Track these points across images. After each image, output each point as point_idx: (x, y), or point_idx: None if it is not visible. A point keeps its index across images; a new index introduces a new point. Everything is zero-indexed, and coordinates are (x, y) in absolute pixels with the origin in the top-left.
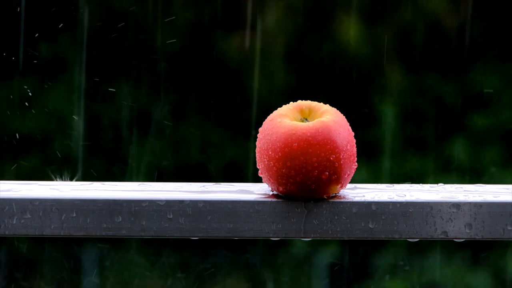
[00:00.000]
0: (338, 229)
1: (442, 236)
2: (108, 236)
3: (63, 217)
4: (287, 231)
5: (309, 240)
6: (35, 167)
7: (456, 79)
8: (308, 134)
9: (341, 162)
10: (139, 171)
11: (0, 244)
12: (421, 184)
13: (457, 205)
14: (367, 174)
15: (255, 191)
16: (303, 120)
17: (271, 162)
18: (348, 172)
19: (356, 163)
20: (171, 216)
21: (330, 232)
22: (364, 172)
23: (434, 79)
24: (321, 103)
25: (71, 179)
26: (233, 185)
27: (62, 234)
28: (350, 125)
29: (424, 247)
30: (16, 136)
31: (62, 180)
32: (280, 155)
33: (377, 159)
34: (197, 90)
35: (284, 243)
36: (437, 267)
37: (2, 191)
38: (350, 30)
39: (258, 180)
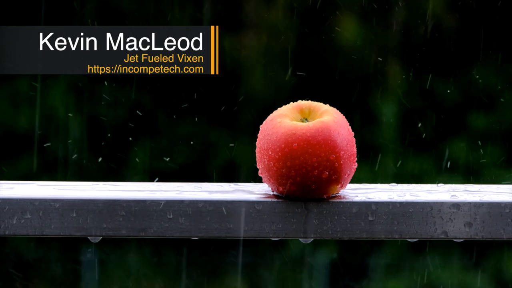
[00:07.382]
0: (338, 229)
1: (442, 236)
2: (108, 236)
3: (63, 217)
4: (287, 231)
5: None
6: (35, 167)
7: (456, 79)
8: (308, 134)
9: (341, 162)
10: (139, 171)
11: (0, 244)
12: (420, 184)
13: (457, 205)
14: (367, 174)
15: (255, 191)
16: (303, 120)
17: (271, 162)
18: (348, 172)
19: (356, 163)
20: (171, 216)
21: (330, 232)
22: (364, 172)
23: (434, 79)
24: (321, 103)
25: (70, 179)
26: (233, 185)
27: (62, 234)
28: (350, 125)
29: (424, 247)
30: (15, 136)
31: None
32: (280, 155)
33: (376, 159)
34: (197, 90)
35: (283, 243)
36: (437, 267)
37: (2, 191)
38: (350, 29)
39: (258, 180)
